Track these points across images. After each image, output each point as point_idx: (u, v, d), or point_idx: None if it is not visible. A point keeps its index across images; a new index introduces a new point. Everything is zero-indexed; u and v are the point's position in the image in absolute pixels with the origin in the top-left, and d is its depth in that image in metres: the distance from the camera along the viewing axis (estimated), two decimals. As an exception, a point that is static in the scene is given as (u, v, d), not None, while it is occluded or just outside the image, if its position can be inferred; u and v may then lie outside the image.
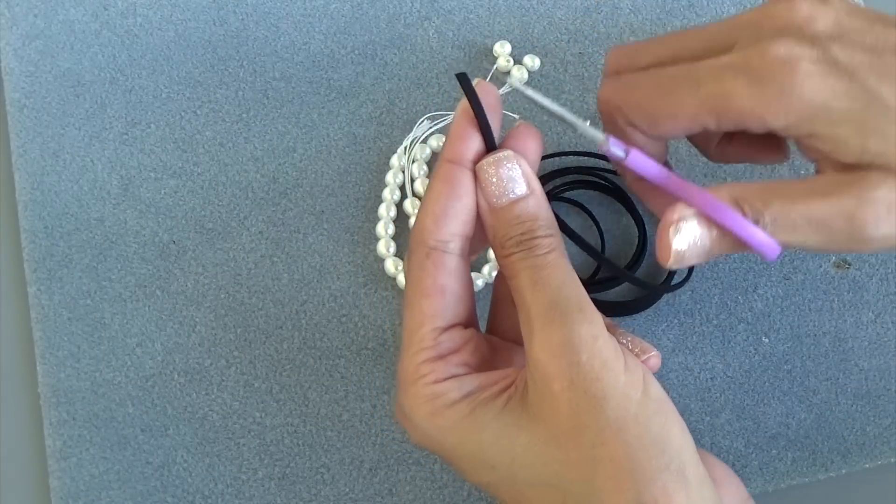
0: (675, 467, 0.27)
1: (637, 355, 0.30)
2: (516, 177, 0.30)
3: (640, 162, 0.32)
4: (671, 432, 0.28)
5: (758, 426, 0.39)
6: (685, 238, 0.30)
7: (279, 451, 0.38)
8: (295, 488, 0.38)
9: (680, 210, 0.30)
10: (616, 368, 0.28)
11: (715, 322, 0.41)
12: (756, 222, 0.30)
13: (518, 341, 0.34)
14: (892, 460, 0.39)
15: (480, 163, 0.31)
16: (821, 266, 0.42)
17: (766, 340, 0.41)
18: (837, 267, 0.42)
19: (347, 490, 0.38)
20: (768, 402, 0.39)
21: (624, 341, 0.30)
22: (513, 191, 0.30)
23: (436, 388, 0.29)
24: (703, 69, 0.31)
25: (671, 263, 0.30)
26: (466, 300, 0.31)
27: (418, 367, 0.30)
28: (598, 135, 0.32)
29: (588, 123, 0.31)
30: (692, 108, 0.31)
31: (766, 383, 0.40)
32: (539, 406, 0.28)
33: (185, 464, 0.38)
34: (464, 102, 0.30)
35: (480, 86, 0.31)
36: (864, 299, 0.41)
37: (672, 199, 0.32)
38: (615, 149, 0.32)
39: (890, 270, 0.42)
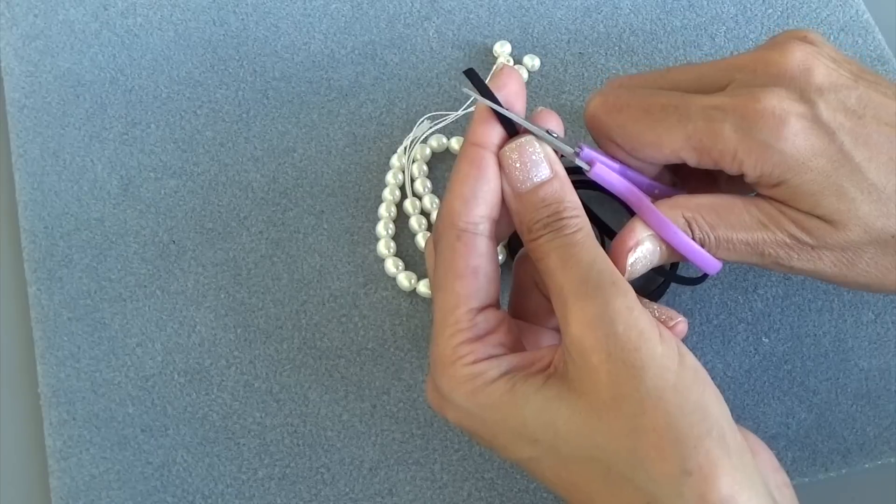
0: (716, 434, 0.27)
1: (664, 322, 0.31)
2: (539, 161, 0.31)
3: (604, 175, 0.33)
4: (709, 400, 0.28)
5: (758, 426, 0.39)
6: (638, 259, 0.33)
7: (279, 451, 0.38)
8: (295, 488, 0.38)
9: (637, 233, 0.33)
10: (652, 339, 0.28)
11: (715, 322, 0.41)
12: (702, 242, 0.33)
13: (540, 324, 0.35)
14: (892, 460, 0.39)
15: (503, 149, 0.31)
16: (821, 266, 0.42)
17: (766, 340, 0.41)
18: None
19: (347, 490, 0.38)
20: (768, 402, 0.39)
21: (649, 310, 0.31)
22: (537, 175, 0.31)
23: (475, 368, 0.30)
24: (695, 105, 0.32)
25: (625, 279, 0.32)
26: (496, 282, 0.31)
27: (456, 349, 0.30)
28: (565, 147, 0.32)
29: (556, 136, 0.32)
30: (677, 141, 0.32)
31: (766, 383, 0.40)
32: (579, 380, 0.28)
33: (185, 464, 0.38)
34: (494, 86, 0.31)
35: (504, 70, 0.32)
36: (864, 299, 0.41)
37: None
38: (580, 162, 0.33)
39: (890, 270, 0.42)
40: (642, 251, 0.33)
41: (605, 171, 0.33)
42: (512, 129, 0.32)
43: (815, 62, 0.33)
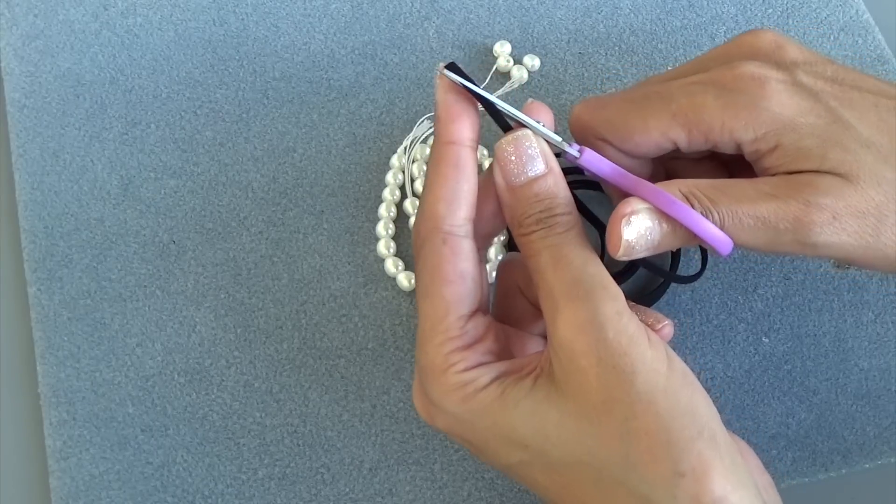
0: (708, 435, 0.27)
1: (651, 326, 0.31)
2: (535, 155, 0.31)
3: (594, 161, 0.32)
4: (699, 403, 0.28)
5: (758, 426, 0.39)
6: (635, 229, 0.30)
7: (279, 451, 0.38)
8: (295, 488, 0.38)
9: (633, 203, 0.30)
10: (642, 343, 0.28)
11: (715, 322, 0.41)
12: (706, 217, 0.31)
13: (525, 329, 0.35)
14: (892, 460, 0.39)
15: (499, 142, 0.31)
16: (821, 266, 0.42)
17: (766, 340, 0.41)
18: (837, 267, 0.42)
19: (347, 490, 0.38)
20: (768, 402, 0.39)
21: (637, 314, 0.31)
22: (532, 169, 0.31)
23: (465, 376, 0.29)
24: (675, 86, 0.33)
25: (620, 254, 0.30)
26: (483, 286, 0.31)
27: (447, 357, 0.30)
28: (553, 136, 0.32)
29: (542, 125, 0.31)
30: (663, 121, 0.32)
31: (766, 383, 0.40)
32: (566, 383, 0.28)
33: (185, 464, 0.38)
34: (442, 82, 0.31)
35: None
36: (864, 299, 0.41)
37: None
38: (570, 149, 0.32)
39: (890, 270, 0.42)
40: (639, 222, 0.30)
41: (596, 157, 0.32)
42: (505, 125, 0.31)
43: (786, 41, 0.33)
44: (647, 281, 0.42)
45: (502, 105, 0.31)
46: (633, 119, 0.33)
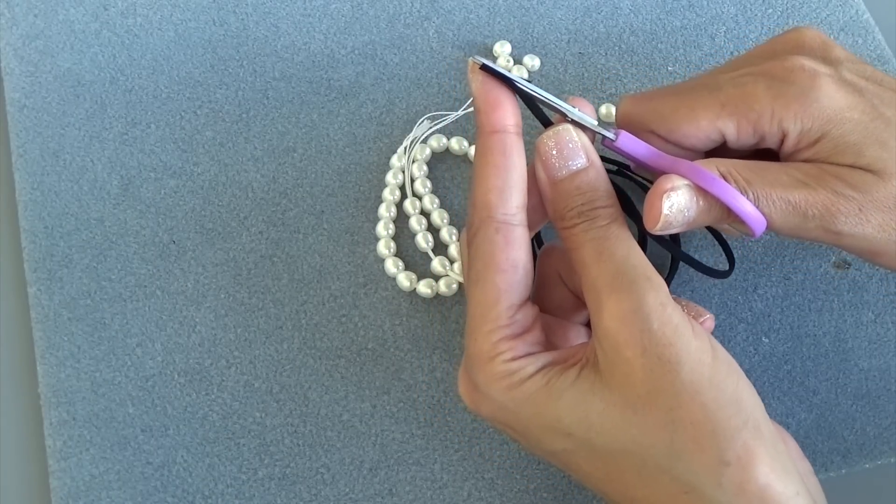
0: (752, 425, 0.28)
1: (694, 318, 0.31)
2: (576, 149, 0.31)
3: (630, 142, 0.32)
4: (744, 392, 0.29)
5: (758, 426, 0.39)
6: (674, 204, 0.31)
7: (279, 451, 0.38)
8: (295, 488, 0.38)
9: (673, 180, 0.31)
10: (686, 334, 0.28)
11: (715, 322, 0.41)
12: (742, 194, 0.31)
13: (565, 317, 0.35)
14: (892, 460, 0.39)
15: (541, 137, 0.31)
16: (821, 266, 0.42)
17: (766, 340, 0.41)
18: (837, 267, 0.42)
19: (347, 490, 0.38)
20: (768, 402, 0.39)
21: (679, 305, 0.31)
22: (573, 163, 0.31)
23: (512, 365, 0.30)
24: (724, 78, 0.33)
25: (658, 228, 0.31)
26: (531, 275, 0.31)
27: (495, 345, 0.30)
28: (589, 119, 0.32)
29: (578, 110, 0.32)
30: (712, 110, 0.33)
31: (766, 383, 0.40)
32: (611, 373, 0.29)
33: (185, 464, 0.38)
34: (475, 75, 0.31)
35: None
36: (864, 299, 0.41)
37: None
38: (607, 133, 0.32)
39: (890, 271, 0.42)
40: (678, 198, 0.31)
41: (632, 139, 0.32)
42: (546, 120, 0.31)
43: (831, 40, 0.34)
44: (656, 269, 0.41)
45: (542, 92, 0.31)
46: (682, 109, 0.33)
